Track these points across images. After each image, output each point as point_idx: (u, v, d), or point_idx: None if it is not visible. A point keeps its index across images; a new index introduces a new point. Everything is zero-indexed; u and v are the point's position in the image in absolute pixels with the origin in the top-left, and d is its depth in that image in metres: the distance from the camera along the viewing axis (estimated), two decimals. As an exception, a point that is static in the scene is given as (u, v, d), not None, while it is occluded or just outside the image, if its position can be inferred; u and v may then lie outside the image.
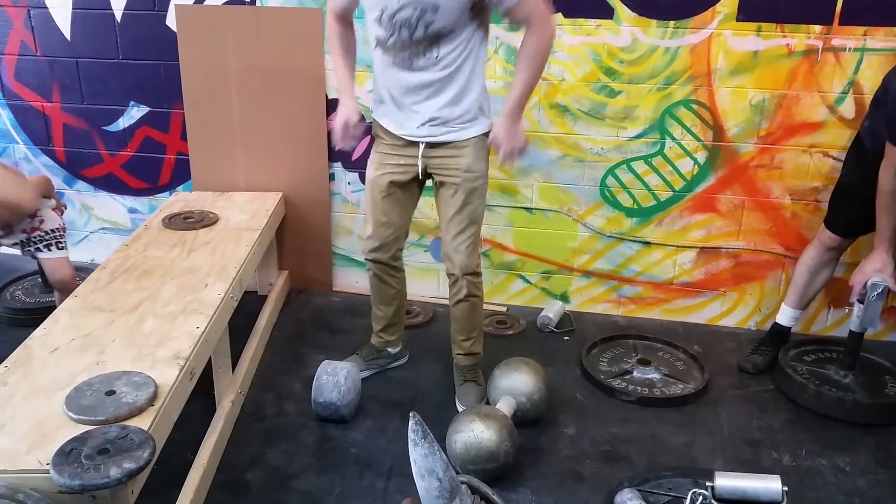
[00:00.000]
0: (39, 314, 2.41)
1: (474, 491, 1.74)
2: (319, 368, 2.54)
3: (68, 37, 3.30)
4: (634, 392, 2.74)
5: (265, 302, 3.21)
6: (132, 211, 3.61)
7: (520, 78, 2.25)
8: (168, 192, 3.51)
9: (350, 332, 3.17)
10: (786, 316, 2.98)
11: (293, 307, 3.38)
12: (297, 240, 3.46)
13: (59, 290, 2.81)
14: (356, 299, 3.45)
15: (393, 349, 2.86)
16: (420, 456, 1.61)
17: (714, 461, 2.41)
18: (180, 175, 3.48)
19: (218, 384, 2.46)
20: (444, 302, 3.05)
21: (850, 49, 2.79)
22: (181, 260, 2.61)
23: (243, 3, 3.12)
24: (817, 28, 2.78)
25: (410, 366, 2.92)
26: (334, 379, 2.50)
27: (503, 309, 3.38)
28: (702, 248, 3.19)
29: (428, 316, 3.27)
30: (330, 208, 3.40)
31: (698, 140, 3.02)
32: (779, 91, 2.89)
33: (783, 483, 2.07)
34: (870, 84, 2.80)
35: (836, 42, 2.79)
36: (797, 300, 2.93)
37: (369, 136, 2.58)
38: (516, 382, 2.48)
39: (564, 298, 3.37)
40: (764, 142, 2.98)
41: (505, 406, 2.41)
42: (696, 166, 3.06)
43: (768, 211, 3.08)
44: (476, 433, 2.20)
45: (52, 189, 2.89)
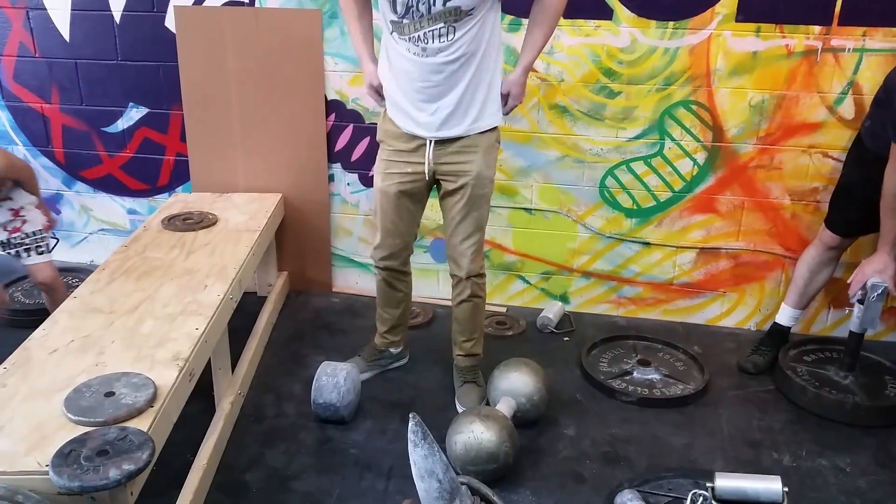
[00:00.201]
0: (39, 315, 2.41)
1: (474, 492, 1.74)
2: (319, 369, 2.54)
3: (67, 38, 3.30)
4: (634, 393, 2.74)
5: (264, 303, 3.20)
6: (131, 212, 3.60)
7: (539, 34, 2.29)
8: (167, 194, 3.51)
9: (350, 332, 3.16)
10: (786, 315, 2.98)
11: (292, 308, 3.38)
12: (297, 241, 3.46)
13: (44, 291, 2.77)
14: (356, 300, 3.45)
15: (395, 349, 2.86)
16: (420, 457, 1.61)
17: (714, 462, 2.41)
18: (179, 176, 3.48)
19: (217, 385, 2.46)
20: (444, 303, 3.05)
21: (849, 49, 2.79)
22: (180, 261, 2.61)
23: (242, 4, 3.12)
24: (816, 28, 2.78)
25: (410, 367, 2.92)
26: (334, 380, 2.49)
27: (503, 310, 3.38)
28: (701, 248, 3.19)
29: (428, 317, 3.26)
30: (329, 209, 3.40)
31: (698, 141, 3.02)
32: (778, 91, 2.89)
33: (783, 484, 2.07)
34: (869, 84, 2.80)
35: (835, 42, 2.79)
36: (797, 300, 2.93)
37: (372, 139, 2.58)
38: (516, 383, 2.48)
39: (564, 299, 3.37)
40: (763, 142, 2.98)
41: (505, 407, 2.41)
42: (696, 167, 3.06)
43: (768, 211, 3.08)
44: (476, 434, 2.20)
45: (33, 180, 2.73)
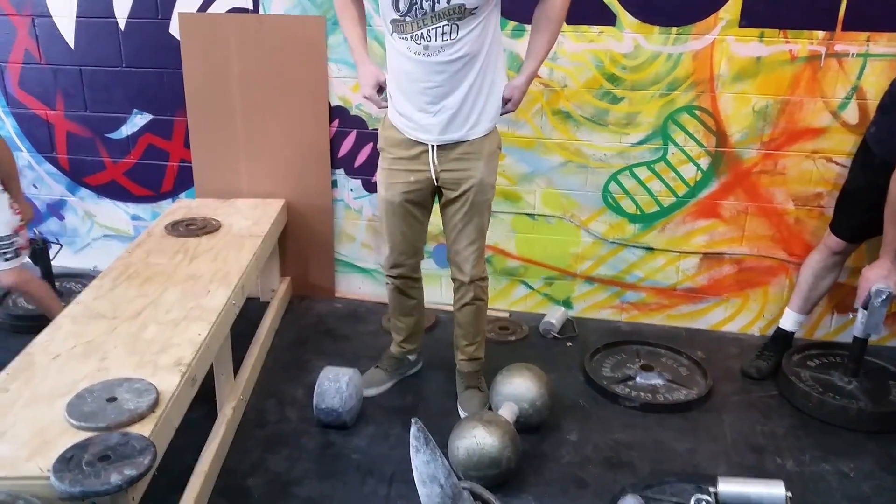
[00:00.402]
0: (42, 321, 2.42)
1: (476, 497, 1.75)
2: (321, 375, 2.54)
3: (72, 45, 3.32)
4: (637, 398, 2.73)
5: (267, 308, 3.21)
6: (135, 218, 3.61)
7: (542, 41, 2.29)
8: (171, 199, 3.52)
9: (352, 338, 3.17)
10: (790, 320, 2.97)
11: (295, 313, 3.38)
12: (300, 246, 3.46)
13: (23, 297, 2.67)
14: (358, 305, 3.45)
15: (412, 357, 2.86)
16: (422, 462, 1.61)
17: (717, 467, 2.40)
18: (183, 182, 3.49)
19: (220, 390, 2.46)
20: (448, 308, 3.05)
21: (853, 55, 2.78)
22: (184, 267, 2.62)
23: (246, 11, 3.14)
24: (820, 34, 2.78)
25: (413, 372, 2.92)
26: (336, 385, 2.49)
27: (506, 315, 3.38)
28: (705, 253, 3.18)
29: (430, 322, 3.26)
30: (332, 215, 3.40)
31: (701, 146, 3.02)
32: (782, 97, 2.89)
33: (787, 489, 2.05)
34: (873, 90, 2.79)
35: (839, 48, 2.78)
36: (801, 304, 2.92)
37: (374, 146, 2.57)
38: (519, 388, 2.48)
39: (567, 304, 3.37)
40: (767, 147, 2.97)
41: (507, 412, 2.40)
42: (700, 172, 3.06)
43: (772, 217, 3.07)
44: (478, 439, 2.19)
45: (12, 167, 2.62)
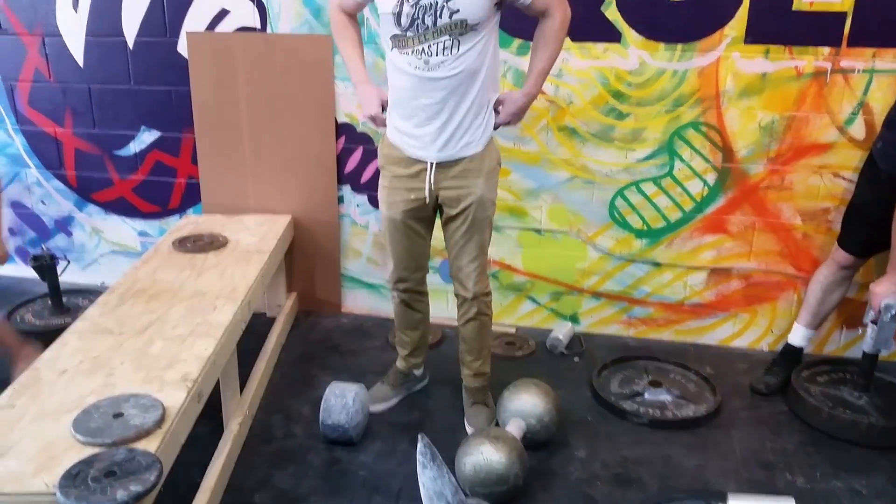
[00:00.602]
0: (49, 336, 2.41)
1: (484, 514, 1.73)
2: (327, 390, 2.53)
3: (81, 64, 3.35)
4: (646, 414, 2.71)
5: (274, 323, 3.21)
6: (142, 234, 3.63)
7: (542, 60, 2.29)
8: (178, 216, 3.53)
9: (359, 353, 3.16)
10: (798, 335, 2.95)
11: (302, 329, 3.38)
12: (306, 262, 3.47)
13: None
14: (365, 321, 3.45)
15: (418, 371, 2.85)
16: (429, 479, 1.60)
17: (727, 484, 2.37)
18: (190, 198, 3.50)
19: (226, 406, 2.46)
20: (454, 323, 3.03)
21: (858, 70, 2.79)
22: (190, 282, 2.62)
23: (254, 30, 3.16)
24: (826, 50, 2.79)
25: (419, 387, 2.90)
26: (342, 401, 2.48)
27: (512, 330, 3.37)
28: (712, 269, 3.17)
29: (437, 337, 3.25)
30: (339, 230, 3.41)
31: (707, 161, 3.02)
32: (788, 112, 2.89)
33: (798, 506, 2.04)
34: (880, 105, 2.79)
35: (844, 64, 2.79)
36: (810, 319, 2.91)
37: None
38: (526, 404, 2.46)
39: (574, 319, 3.36)
40: (774, 163, 2.97)
41: (515, 428, 2.39)
42: (706, 187, 3.06)
43: (779, 232, 3.06)
44: (485, 455, 2.18)
45: None
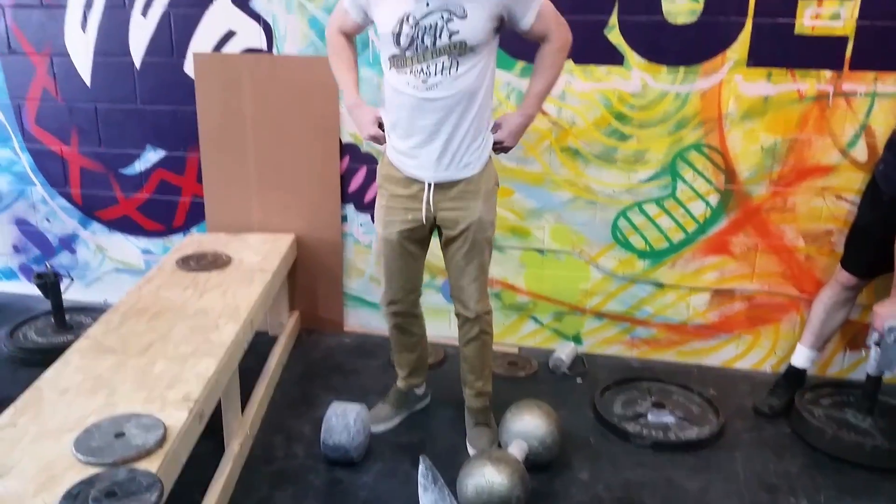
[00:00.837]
0: (51, 354, 2.42)
1: (485, 537, 1.72)
2: (329, 410, 2.53)
3: (88, 83, 3.38)
4: (649, 436, 2.70)
5: (276, 342, 3.21)
6: (146, 252, 3.64)
7: (540, 84, 2.29)
8: (182, 234, 3.55)
9: (361, 372, 3.15)
10: (801, 357, 2.94)
11: (304, 348, 3.37)
12: (309, 280, 3.47)
13: None
14: (367, 340, 3.45)
15: (419, 391, 2.84)
16: (430, 501, 1.59)
17: (731, 508, 2.36)
18: (195, 217, 3.52)
19: (227, 426, 2.45)
20: (455, 343, 3.03)
21: (861, 94, 2.80)
22: (193, 301, 2.63)
23: (260, 51, 3.19)
24: (828, 73, 2.80)
25: (421, 408, 2.90)
26: (344, 421, 2.48)
27: (515, 350, 3.36)
28: (715, 290, 3.17)
29: (439, 357, 3.25)
30: (342, 249, 3.41)
31: (710, 183, 3.02)
32: (790, 135, 2.90)
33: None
34: (882, 128, 2.80)
35: (846, 87, 2.80)
36: (813, 340, 2.90)
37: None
38: (528, 426, 2.45)
39: (577, 340, 3.35)
40: (776, 185, 2.97)
41: (517, 450, 2.38)
42: (709, 209, 3.06)
43: (782, 253, 3.06)
44: (487, 477, 2.17)
45: None
